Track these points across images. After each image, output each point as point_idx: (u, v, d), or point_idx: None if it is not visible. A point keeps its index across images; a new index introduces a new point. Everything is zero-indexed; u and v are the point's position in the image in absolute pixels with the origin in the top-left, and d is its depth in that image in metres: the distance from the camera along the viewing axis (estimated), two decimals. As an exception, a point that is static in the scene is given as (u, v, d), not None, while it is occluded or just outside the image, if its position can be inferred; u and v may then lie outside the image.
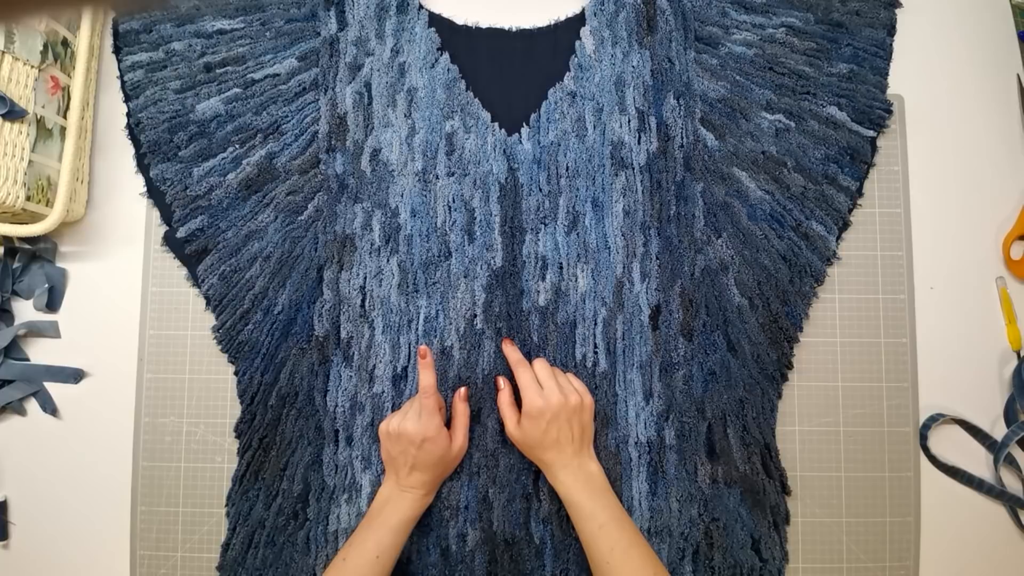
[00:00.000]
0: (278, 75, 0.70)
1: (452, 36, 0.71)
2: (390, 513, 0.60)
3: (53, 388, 0.69)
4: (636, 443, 0.65)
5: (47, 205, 0.65)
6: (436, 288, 0.67)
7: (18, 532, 0.68)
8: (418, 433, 0.60)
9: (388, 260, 0.67)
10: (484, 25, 0.72)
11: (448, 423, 0.64)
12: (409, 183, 0.68)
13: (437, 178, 0.68)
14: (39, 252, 0.69)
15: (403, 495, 0.60)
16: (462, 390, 0.65)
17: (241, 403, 0.67)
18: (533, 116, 0.69)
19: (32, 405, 0.69)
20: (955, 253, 0.70)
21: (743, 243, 0.68)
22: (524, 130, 0.69)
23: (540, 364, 0.63)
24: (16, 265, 0.69)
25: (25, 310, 0.70)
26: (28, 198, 0.63)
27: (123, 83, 0.70)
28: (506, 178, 0.68)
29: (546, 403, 0.60)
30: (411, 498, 0.60)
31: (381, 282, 0.67)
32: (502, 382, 0.65)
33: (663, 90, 0.69)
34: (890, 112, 0.69)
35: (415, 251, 0.67)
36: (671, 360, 0.66)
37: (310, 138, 0.69)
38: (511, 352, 0.65)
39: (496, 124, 0.69)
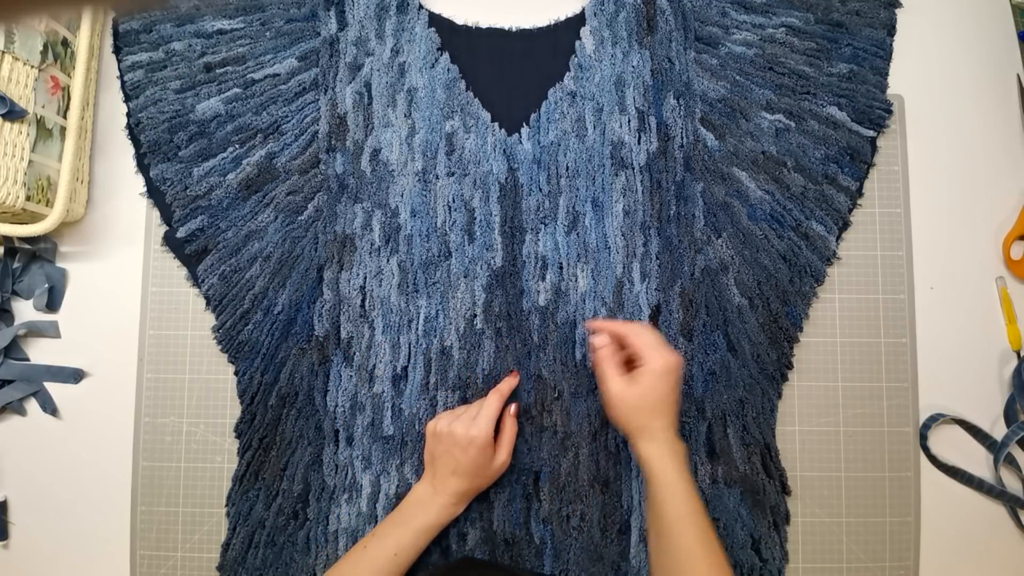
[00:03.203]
0: (278, 75, 0.70)
1: (452, 36, 0.71)
2: (416, 514, 0.59)
3: (53, 388, 0.69)
4: (636, 443, 0.65)
5: (47, 205, 0.65)
6: (436, 288, 0.67)
7: (18, 532, 0.68)
8: (465, 436, 0.59)
9: (388, 260, 0.68)
10: (484, 25, 0.72)
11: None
12: (409, 183, 0.68)
13: (437, 178, 0.68)
14: (39, 252, 0.69)
15: (434, 500, 0.60)
16: (513, 407, 0.64)
17: (241, 403, 0.67)
18: (533, 116, 0.69)
19: (32, 405, 0.69)
20: (955, 253, 0.70)
21: (743, 243, 0.68)
22: (524, 130, 0.69)
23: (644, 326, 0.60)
24: (16, 265, 0.69)
25: (25, 310, 0.70)
26: (28, 198, 0.63)
27: (123, 83, 0.70)
28: (506, 178, 0.68)
29: (678, 360, 0.57)
30: (441, 504, 0.60)
31: (381, 282, 0.67)
32: (600, 340, 0.60)
33: (663, 90, 0.69)
34: (890, 112, 0.69)
35: (415, 251, 0.67)
36: (671, 360, 0.66)
37: (310, 138, 0.69)
38: (611, 323, 0.62)
39: (496, 124, 0.69)
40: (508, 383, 0.64)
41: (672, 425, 0.57)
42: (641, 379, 0.57)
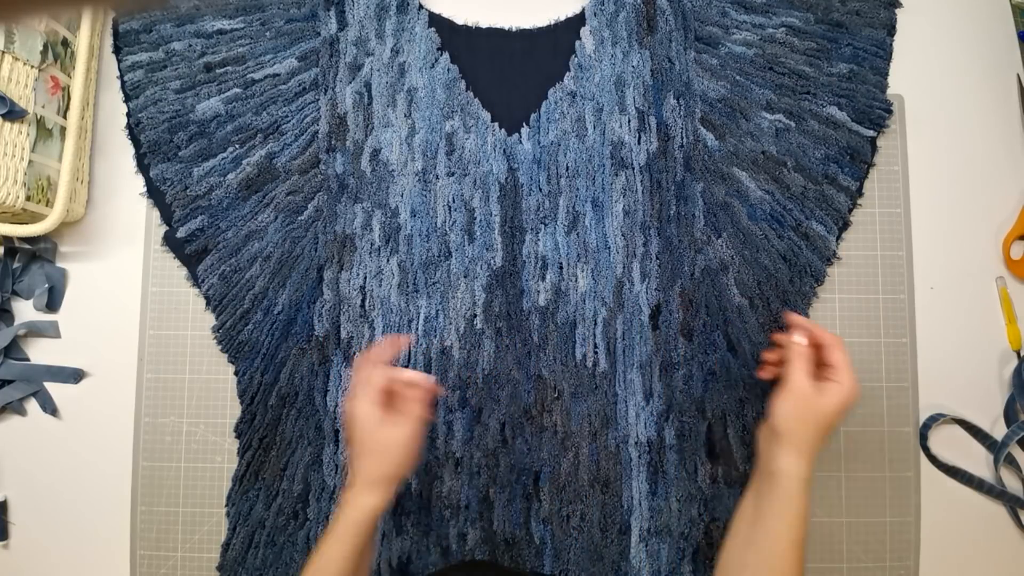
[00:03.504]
0: (278, 75, 0.70)
1: (452, 36, 0.71)
2: (338, 518, 0.53)
3: (53, 388, 0.69)
4: (636, 443, 0.65)
5: (47, 205, 0.65)
6: (436, 288, 0.67)
7: (18, 532, 0.68)
8: (344, 408, 0.54)
9: (388, 260, 0.68)
10: (484, 25, 0.72)
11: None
12: (409, 183, 0.68)
13: (437, 178, 0.68)
14: (39, 252, 0.69)
15: (349, 494, 0.54)
16: (432, 386, 0.57)
17: (241, 403, 0.67)
18: (533, 116, 0.69)
19: (32, 405, 0.69)
20: (955, 253, 0.70)
21: (743, 243, 0.68)
22: (524, 130, 0.69)
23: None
24: (16, 265, 0.69)
25: (25, 310, 0.70)
26: (28, 198, 0.63)
27: (123, 83, 0.70)
28: (506, 178, 0.68)
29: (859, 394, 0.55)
30: (355, 495, 0.53)
31: (381, 282, 0.67)
32: (802, 338, 0.57)
33: (663, 90, 0.69)
34: (890, 112, 0.69)
35: (415, 251, 0.67)
36: (671, 360, 0.66)
37: (310, 138, 0.69)
38: (815, 327, 0.58)
39: (496, 124, 0.69)
40: (385, 346, 0.58)
41: (816, 453, 0.55)
42: (830, 393, 0.55)
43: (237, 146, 0.69)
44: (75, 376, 0.69)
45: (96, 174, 0.71)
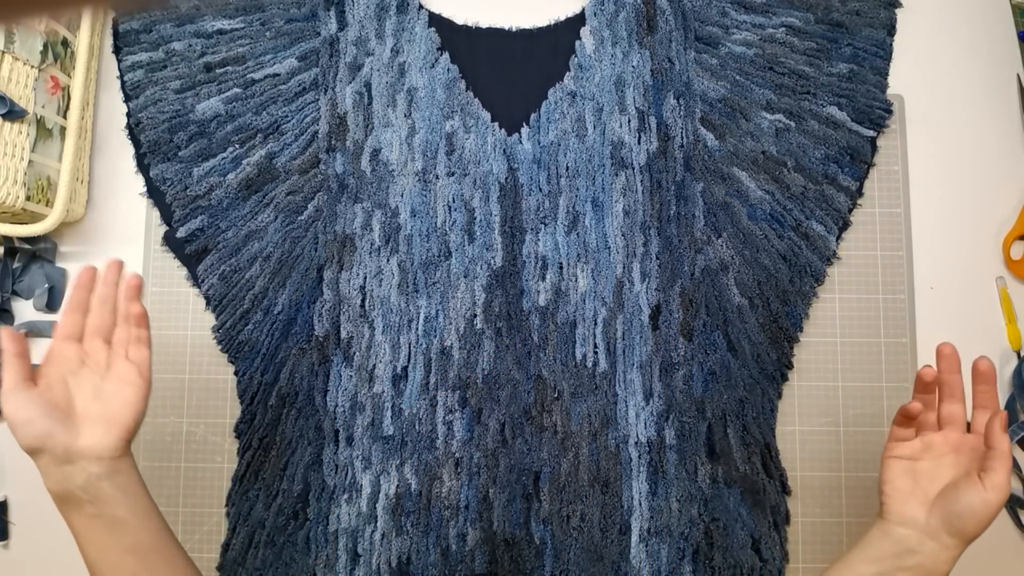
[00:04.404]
0: (278, 75, 0.70)
1: (452, 36, 0.71)
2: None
3: (53, 388, 0.69)
4: (636, 443, 0.65)
5: (47, 205, 0.65)
6: (436, 288, 0.67)
7: (18, 532, 0.68)
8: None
9: (388, 260, 0.68)
10: (484, 25, 0.72)
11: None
12: (409, 183, 0.68)
13: (437, 178, 0.68)
14: (39, 252, 0.69)
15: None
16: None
17: (241, 403, 0.67)
18: (533, 116, 0.69)
19: (32, 405, 0.69)
20: (955, 253, 0.70)
21: (743, 243, 0.68)
22: (524, 130, 0.69)
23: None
24: (16, 265, 0.69)
25: (25, 310, 0.70)
26: (28, 198, 0.63)
27: (123, 83, 0.70)
28: (506, 178, 0.68)
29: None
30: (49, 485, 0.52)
31: (381, 282, 0.67)
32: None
33: (663, 90, 0.69)
34: (890, 112, 0.69)
35: (415, 251, 0.67)
36: (671, 360, 0.66)
37: (310, 138, 0.69)
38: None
39: (496, 124, 0.69)
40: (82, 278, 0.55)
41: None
42: (993, 499, 0.49)
43: (237, 146, 0.69)
44: (75, 376, 0.69)
45: (96, 174, 0.71)
